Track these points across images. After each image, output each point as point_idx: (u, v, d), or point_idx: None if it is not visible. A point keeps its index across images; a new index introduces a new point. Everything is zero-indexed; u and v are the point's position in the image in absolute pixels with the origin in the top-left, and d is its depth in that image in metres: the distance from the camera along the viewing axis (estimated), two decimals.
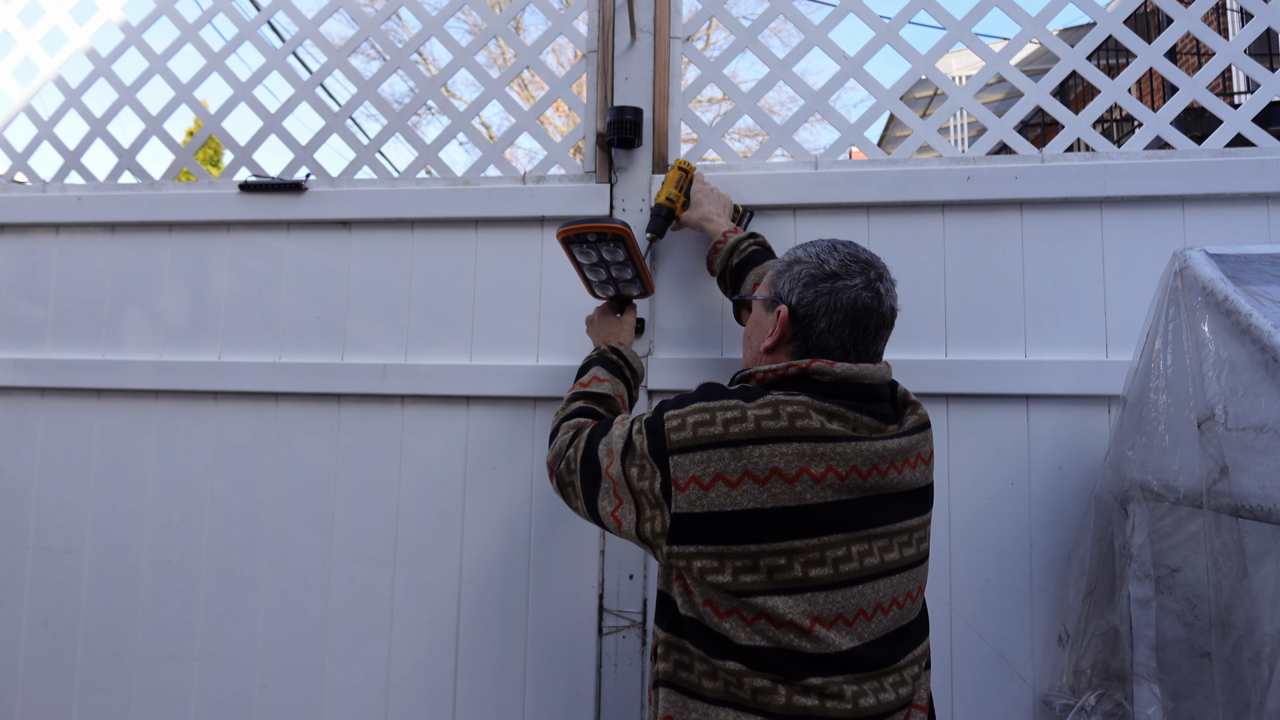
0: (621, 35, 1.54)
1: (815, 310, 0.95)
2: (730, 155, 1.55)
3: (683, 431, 0.88)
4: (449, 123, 1.62)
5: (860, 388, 0.93)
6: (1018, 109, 1.51)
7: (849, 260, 0.97)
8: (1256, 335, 0.92)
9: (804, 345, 0.96)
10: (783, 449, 0.85)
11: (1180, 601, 1.13)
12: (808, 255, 0.99)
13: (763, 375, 0.96)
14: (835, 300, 0.94)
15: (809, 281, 0.96)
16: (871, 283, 0.96)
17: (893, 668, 0.88)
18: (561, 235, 1.19)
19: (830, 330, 0.94)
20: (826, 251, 0.98)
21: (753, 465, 0.85)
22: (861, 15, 1.53)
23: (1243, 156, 1.39)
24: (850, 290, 0.94)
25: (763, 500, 0.84)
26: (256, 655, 1.51)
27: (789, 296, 0.97)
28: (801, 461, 0.85)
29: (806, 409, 0.88)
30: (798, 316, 0.96)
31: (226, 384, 1.56)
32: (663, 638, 0.92)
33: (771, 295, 1.01)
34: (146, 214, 1.64)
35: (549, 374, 1.48)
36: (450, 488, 1.49)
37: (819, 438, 0.87)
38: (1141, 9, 6.17)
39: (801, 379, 0.93)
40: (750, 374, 0.98)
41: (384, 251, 1.58)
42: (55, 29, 1.78)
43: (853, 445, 0.88)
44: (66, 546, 1.59)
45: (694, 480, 0.86)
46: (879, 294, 0.96)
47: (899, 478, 0.91)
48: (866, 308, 0.95)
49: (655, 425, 0.90)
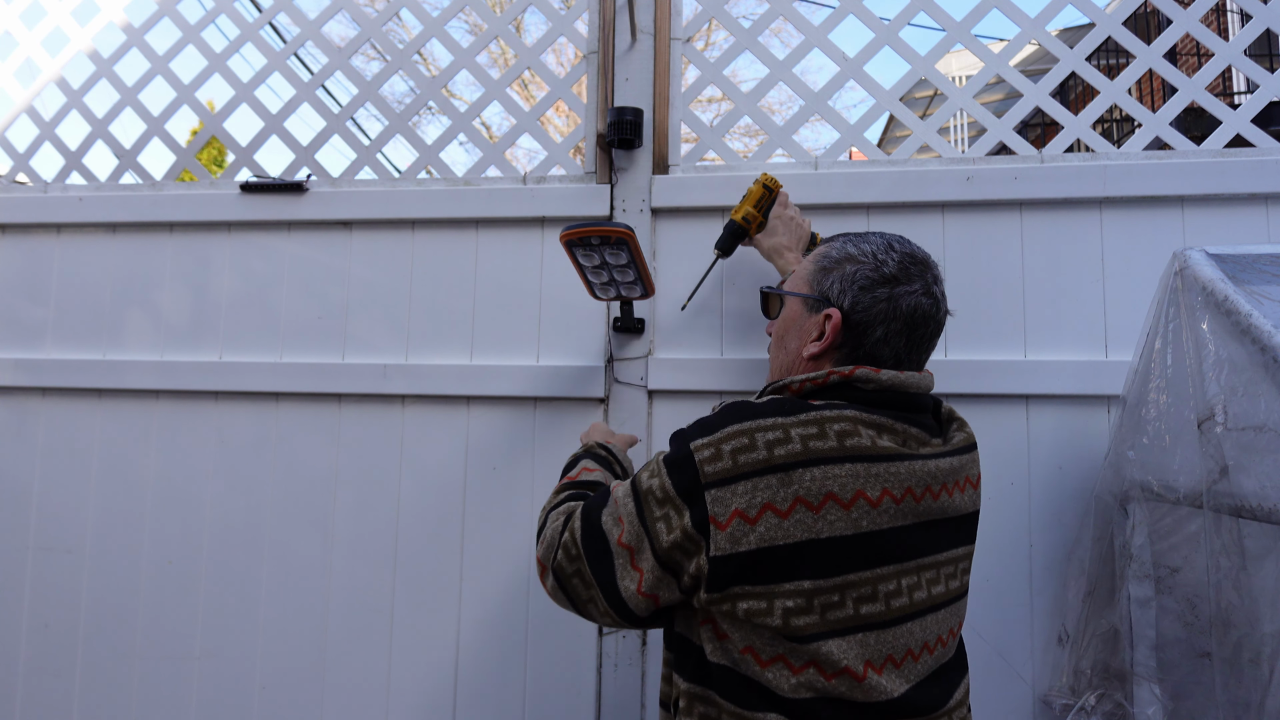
0: (622, 36, 1.54)
1: (872, 318, 0.86)
2: (730, 156, 1.55)
3: (719, 461, 0.77)
4: (450, 123, 1.62)
5: (906, 397, 0.86)
6: (1017, 109, 1.51)
7: (907, 262, 0.88)
8: (1256, 335, 0.92)
9: (853, 353, 0.87)
10: (835, 471, 0.76)
11: (1180, 601, 1.13)
12: (862, 254, 0.89)
13: (799, 385, 0.87)
14: (894, 308, 0.86)
15: (866, 285, 0.87)
16: (930, 287, 0.88)
17: (943, 711, 0.80)
18: (565, 238, 1.19)
19: (886, 339, 0.86)
20: (883, 250, 0.89)
21: (805, 491, 0.75)
22: (861, 16, 1.53)
23: (1242, 157, 1.39)
24: (910, 297, 0.86)
25: (818, 530, 0.75)
26: (256, 655, 1.51)
27: (840, 299, 0.88)
28: (857, 484, 0.77)
29: (855, 425, 0.80)
30: (851, 323, 0.87)
31: (227, 384, 1.56)
32: (684, 689, 0.82)
33: (817, 294, 0.90)
34: (148, 214, 1.64)
35: (549, 374, 1.48)
36: (451, 488, 1.50)
37: (872, 457, 0.78)
38: (1141, 10, 6.17)
39: (843, 387, 0.85)
40: (785, 385, 0.89)
41: (385, 252, 1.58)
42: (57, 30, 1.78)
43: (906, 465, 0.80)
44: (67, 546, 1.59)
45: (738, 514, 0.75)
46: (936, 299, 0.89)
47: (949, 501, 0.84)
48: (925, 316, 0.87)
49: (681, 459, 0.80)
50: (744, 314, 1.47)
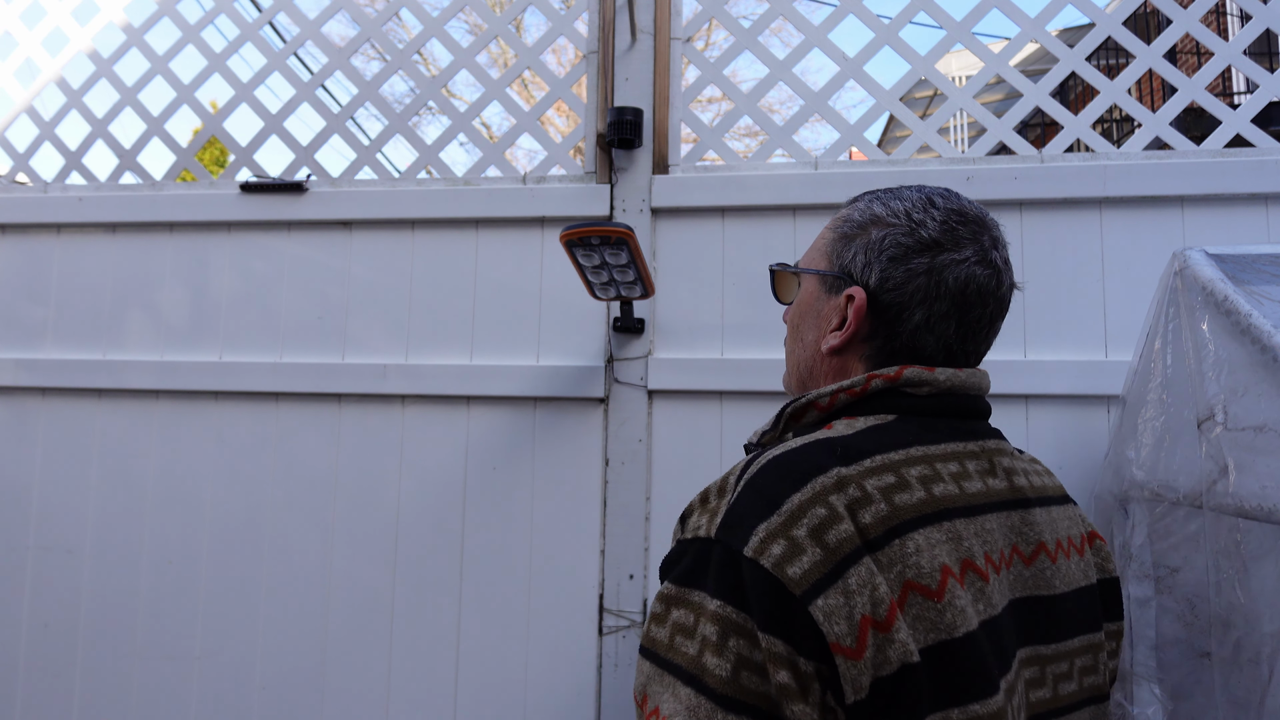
0: (622, 36, 1.54)
1: (908, 296, 0.66)
2: (730, 155, 1.55)
3: (802, 556, 0.53)
4: (450, 123, 1.62)
5: (969, 403, 0.67)
6: (1017, 109, 1.51)
7: (954, 221, 0.67)
8: (1256, 335, 0.92)
9: (888, 345, 0.67)
10: (936, 535, 0.56)
11: (1180, 601, 1.13)
12: (892, 213, 0.68)
13: (828, 402, 0.66)
14: (937, 282, 0.65)
15: (898, 254, 0.66)
16: (986, 252, 0.67)
17: None
18: (565, 238, 1.19)
19: (929, 325, 0.66)
20: (920, 207, 0.68)
21: (915, 571, 0.54)
22: (861, 16, 1.53)
23: (1242, 157, 1.39)
24: (959, 267, 0.65)
25: (949, 625, 0.53)
26: (256, 655, 1.51)
27: (865, 274, 0.67)
28: (960, 552, 0.57)
29: (929, 463, 0.61)
30: (880, 305, 0.66)
31: (227, 384, 1.56)
32: None
33: (835, 269, 0.70)
34: (147, 214, 1.64)
35: (549, 374, 1.48)
36: (451, 488, 1.50)
37: (966, 508, 0.60)
38: (1141, 10, 6.17)
39: (889, 395, 0.65)
40: (809, 403, 0.68)
41: (385, 252, 1.58)
42: (57, 30, 1.78)
43: (998, 517, 0.62)
44: (67, 546, 1.59)
45: (869, 625, 0.52)
46: (996, 269, 0.67)
47: (1065, 561, 0.65)
48: (981, 290, 0.66)
49: (748, 572, 0.53)
50: (744, 314, 1.47)
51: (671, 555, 0.60)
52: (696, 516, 0.60)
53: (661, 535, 1.43)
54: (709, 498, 0.60)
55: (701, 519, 0.59)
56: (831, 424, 0.65)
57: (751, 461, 0.61)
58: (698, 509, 0.60)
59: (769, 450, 0.62)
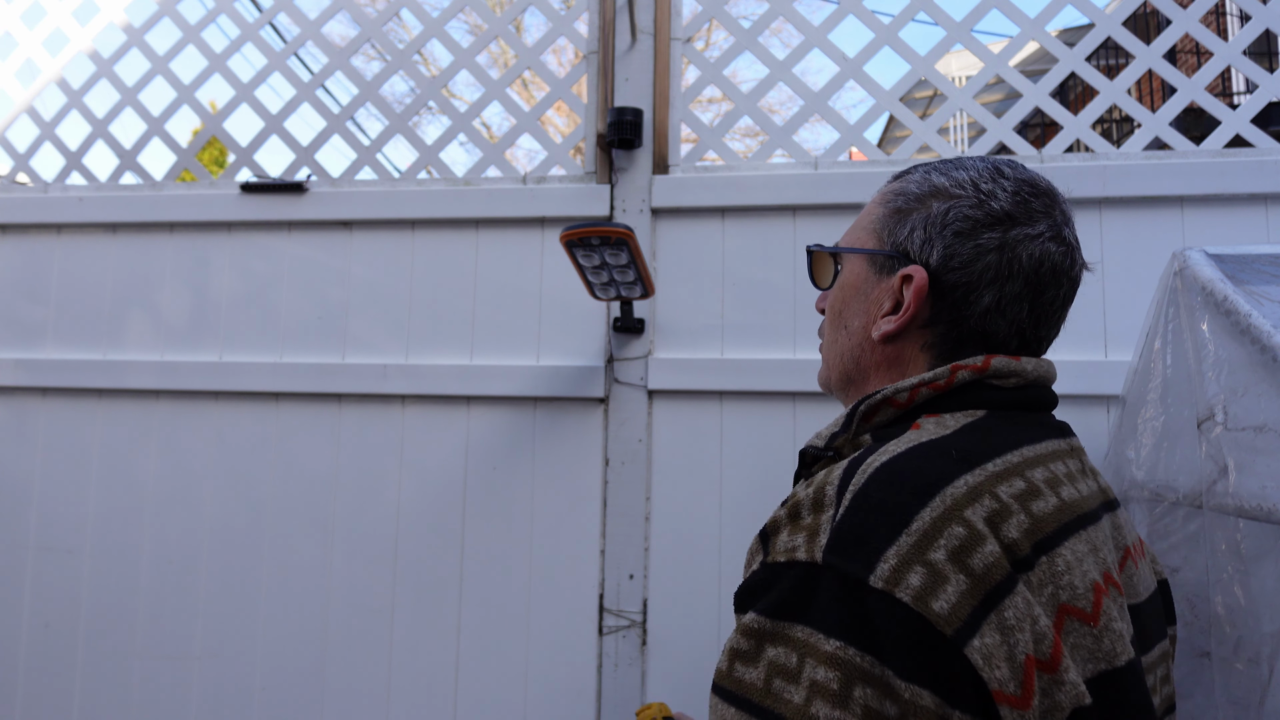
0: (622, 36, 1.54)
1: (976, 275, 0.59)
2: (730, 156, 1.55)
3: (946, 586, 0.44)
4: (450, 123, 1.63)
5: (1048, 395, 0.63)
6: (1017, 110, 1.51)
7: (1026, 193, 0.61)
8: (1256, 335, 0.92)
9: (954, 331, 0.60)
10: (1080, 547, 0.50)
11: (1180, 601, 1.13)
12: (956, 184, 0.61)
13: (907, 398, 0.59)
14: (1010, 259, 0.59)
15: (964, 229, 0.59)
16: (1059, 228, 0.61)
17: None
18: (565, 238, 1.19)
19: (1000, 307, 0.59)
20: (988, 176, 0.61)
21: (1069, 593, 0.47)
22: (861, 16, 1.54)
23: (1241, 157, 1.39)
24: (1034, 242, 0.59)
25: (1109, 652, 0.47)
26: (256, 655, 1.51)
27: (924, 252, 0.60)
28: (1100, 564, 0.51)
29: (1043, 464, 0.54)
30: (944, 286, 0.60)
31: (227, 384, 1.56)
32: None
33: (887, 247, 0.63)
34: (148, 214, 1.64)
35: (549, 374, 1.48)
36: (451, 488, 1.50)
37: (1089, 514, 0.54)
38: (1140, 10, 6.17)
39: (975, 389, 0.59)
40: (886, 399, 0.59)
41: (385, 252, 1.58)
42: (57, 30, 1.78)
43: (1106, 520, 0.57)
44: (68, 546, 1.59)
45: (1034, 666, 0.44)
46: (1070, 245, 0.62)
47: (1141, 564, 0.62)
48: (1055, 269, 0.60)
49: (880, 606, 0.44)
50: (744, 314, 1.47)
51: (755, 581, 0.50)
52: (787, 535, 0.50)
53: (661, 535, 1.43)
54: (800, 513, 0.51)
55: (795, 538, 0.49)
56: (918, 423, 0.57)
57: (851, 470, 0.51)
58: (786, 526, 0.51)
59: (869, 456, 0.52)
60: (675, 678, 1.40)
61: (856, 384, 0.68)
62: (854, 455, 0.55)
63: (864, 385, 0.67)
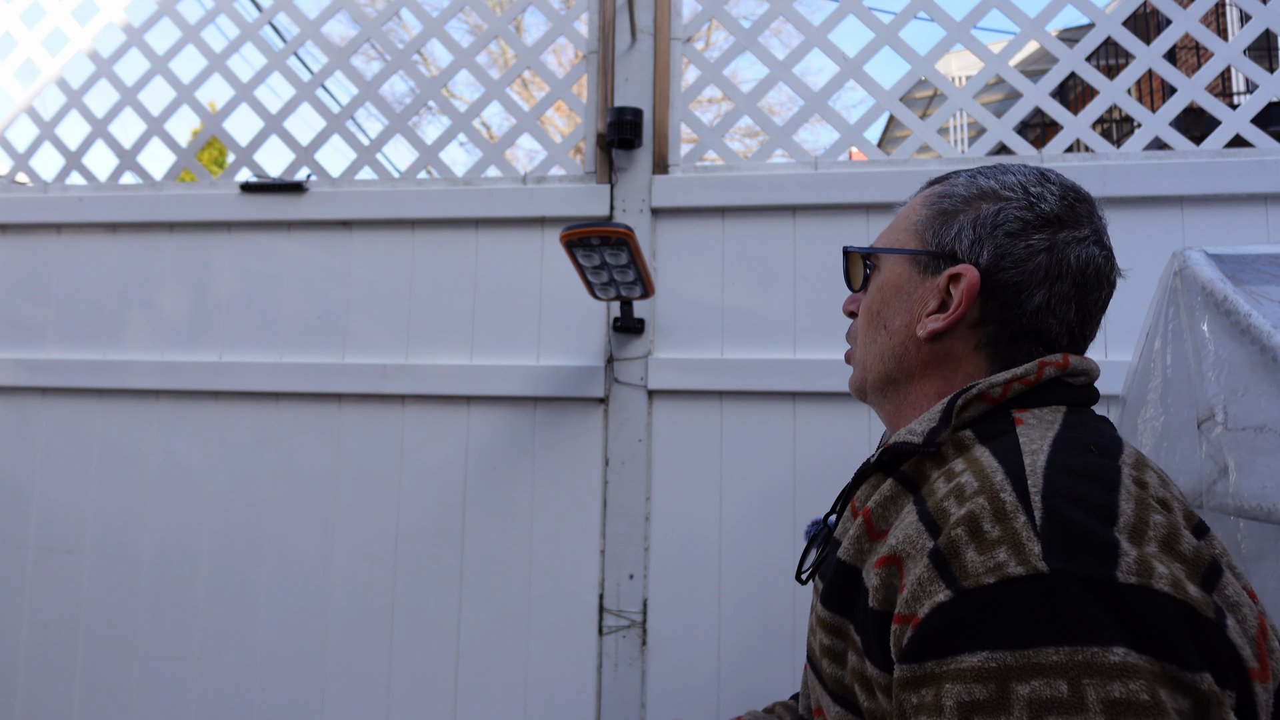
0: (622, 36, 1.54)
1: (1027, 275, 0.61)
2: (730, 156, 1.55)
3: (1180, 573, 0.44)
4: (450, 123, 1.63)
5: (1095, 395, 0.64)
6: (1017, 110, 1.51)
7: (1072, 198, 0.64)
8: (1256, 335, 0.92)
9: (1006, 329, 0.62)
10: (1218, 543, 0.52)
11: None
12: (1006, 187, 0.64)
13: (1000, 393, 0.59)
14: (1059, 260, 0.61)
15: (1016, 229, 0.61)
16: (1100, 233, 0.65)
17: None
18: (565, 238, 1.19)
19: (1050, 307, 0.61)
20: (1035, 181, 0.64)
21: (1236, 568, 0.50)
22: (861, 16, 1.54)
23: (1241, 157, 1.39)
24: (1081, 245, 0.62)
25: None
26: (256, 655, 1.51)
27: (974, 252, 0.62)
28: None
29: (1141, 454, 0.56)
30: (994, 285, 0.61)
31: (227, 384, 1.56)
32: None
33: (932, 248, 0.65)
34: (148, 214, 1.64)
35: (549, 374, 1.48)
36: (451, 488, 1.50)
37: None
38: (1140, 10, 6.17)
39: (1055, 386, 0.61)
40: (978, 394, 0.59)
41: (385, 252, 1.58)
42: (57, 30, 1.78)
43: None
44: (67, 546, 1.59)
45: (1261, 639, 0.46)
46: (1110, 250, 0.66)
47: None
48: (1098, 272, 0.64)
49: (1145, 602, 0.42)
50: (745, 313, 1.47)
51: (957, 615, 0.44)
52: (978, 553, 0.45)
53: (661, 535, 1.43)
54: (981, 525, 0.46)
55: (995, 554, 0.45)
56: (1019, 418, 0.57)
57: (1014, 471, 0.49)
58: (969, 543, 0.46)
59: (1014, 455, 0.51)
60: (675, 678, 1.40)
61: (898, 383, 0.68)
62: (989, 455, 0.53)
63: (907, 385, 0.67)
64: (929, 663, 0.45)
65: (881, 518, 0.59)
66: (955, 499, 0.51)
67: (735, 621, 1.39)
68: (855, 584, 0.58)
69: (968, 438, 0.58)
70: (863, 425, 1.40)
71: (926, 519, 0.52)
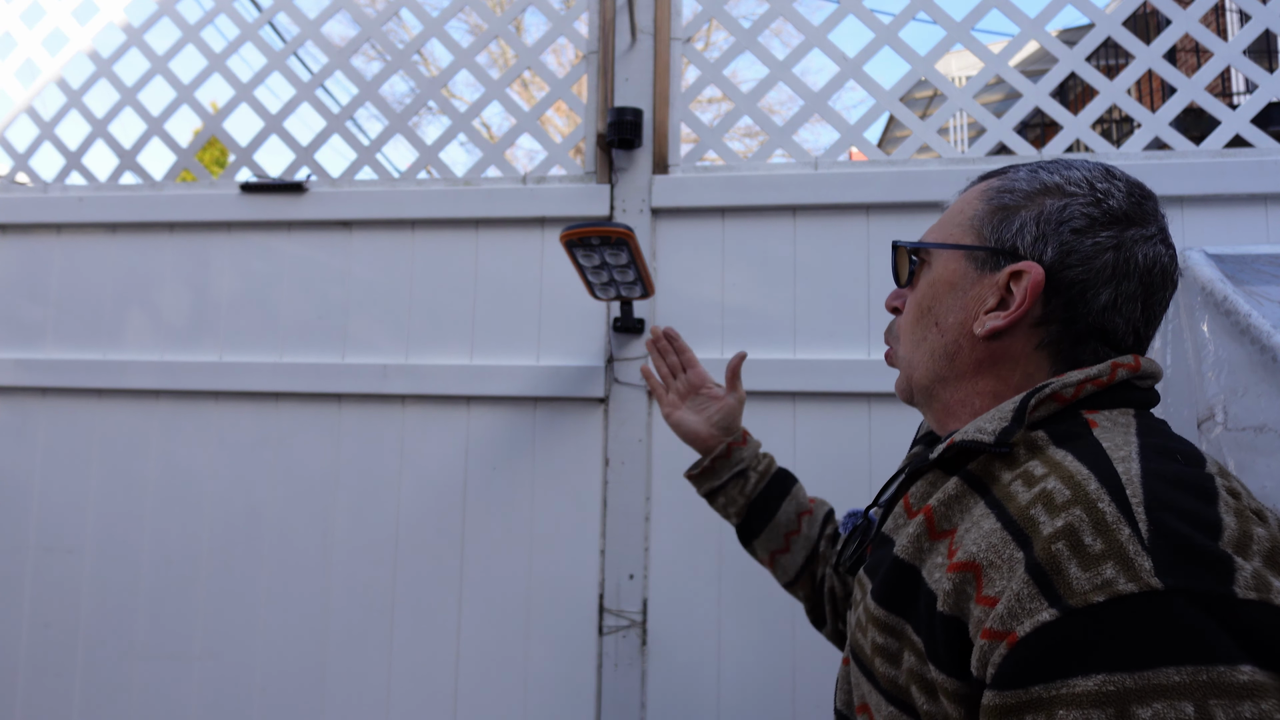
0: (622, 36, 1.54)
1: (1094, 273, 0.59)
2: (730, 156, 1.55)
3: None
4: (450, 123, 1.63)
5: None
6: (1017, 110, 1.51)
7: (1139, 194, 0.63)
8: (1256, 335, 0.92)
9: (1070, 329, 0.61)
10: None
11: None
12: (1069, 181, 0.62)
13: (1073, 394, 0.58)
14: (1127, 258, 0.60)
15: (1083, 226, 0.60)
16: (1165, 232, 0.63)
17: None
18: (565, 238, 1.19)
19: (1117, 306, 0.60)
20: (1101, 176, 0.63)
21: None
22: (861, 16, 1.54)
23: (1241, 157, 1.39)
24: (1148, 244, 0.61)
25: None
26: (256, 655, 1.51)
27: (1038, 248, 0.60)
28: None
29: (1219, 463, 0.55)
30: (1059, 283, 0.60)
31: (227, 384, 1.56)
32: None
33: (991, 243, 0.63)
34: (148, 214, 1.64)
35: (549, 374, 1.48)
36: (451, 488, 1.50)
37: None
38: (1140, 10, 6.18)
39: (1125, 388, 0.59)
40: (1051, 394, 0.58)
41: (385, 252, 1.58)
42: (57, 30, 1.78)
43: None
44: (68, 546, 1.59)
45: None
46: (1174, 250, 0.63)
47: None
48: (1164, 271, 0.62)
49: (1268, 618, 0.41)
50: (745, 313, 1.47)
51: (1069, 636, 0.42)
52: (1082, 569, 0.43)
53: (661, 535, 1.43)
54: (1082, 538, 0.44)
55: (1101, 569, 0.43)
56: (1093, 420, 0.56)
57: (1114, 481, 0.47)
58: (1071, 557, 0.44)
59: (1102, 462, 0.49)
60: (675, 678, 1.40)
61: (947, 382, 0.66)
62: (1073, 460, 0.51)
63: (957, 383, 0.66)
64: (1035, 687, 0.43)
65: (944, 517, 0.57)
66: (1045, 508, 0.48)
67: (735, 621, 1.39)
68: (914, 584, 0.56)
69: (1040, 438, 0.56)
70: (862, 425, 1.40)
71: (1011, 527, 0.49)
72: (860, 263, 1.45)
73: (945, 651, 0.51)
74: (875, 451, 1.39)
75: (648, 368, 1.17)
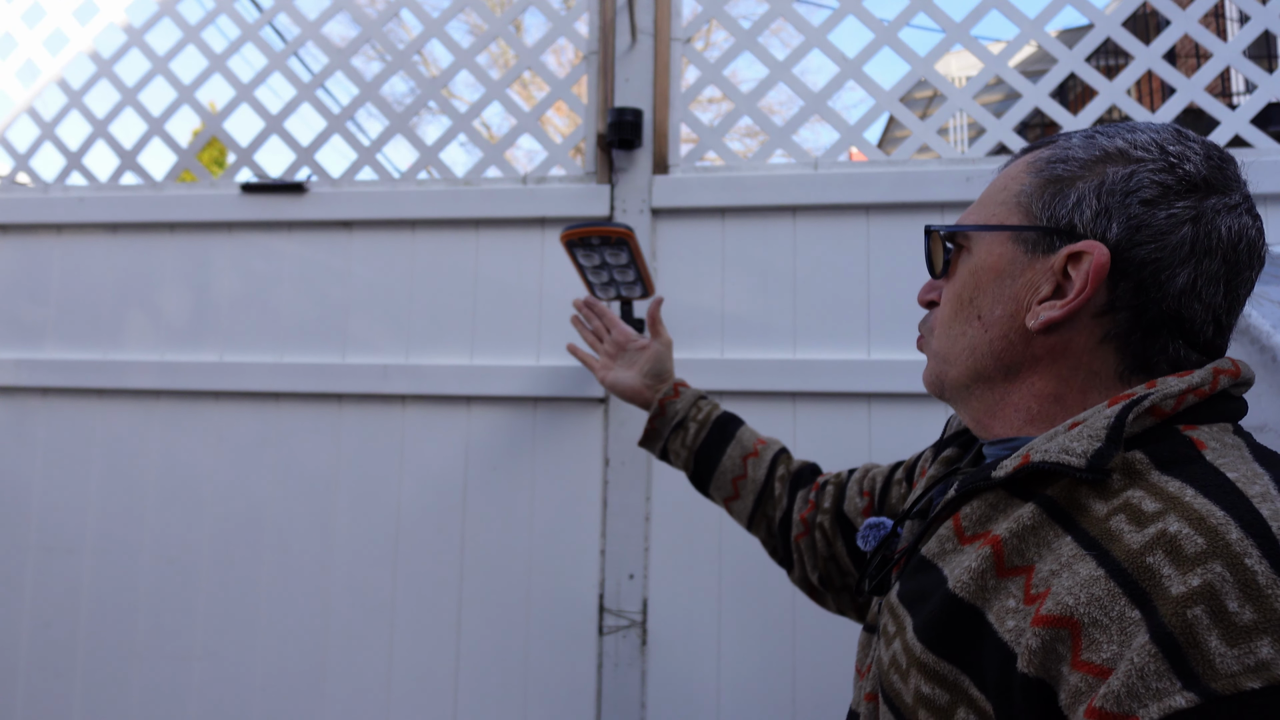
0: (622, 37, 1.54)
1: (1169, 251, 0.50)
2: (730, 156, 1.55)
3: None
4: (450, 123, 1.63)
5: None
6: (1017, 110, 1.51)
7: (1218, 157, 0.53)
8: (1255, 335, 0.92)
9: (1142, 318, 0.52)
10: None
11: None
12: (1135, 145, 0.52)
13: (1173, 406, 0.49)
14: (1208, 232, 0.50)
15: (1154, 196, 0.51)
16: (1250, 200, 0.54)
17: None
18: (565, 238, 1.19)
19: (1196, 289, 0.51)
20: (1174, 139, 0.53)
21: None
22: (861, 17, 1.54)
23: (1241, 157, 1.39)
24: (1233, 214, 0.51)
25: None
26: (256, 655, 1.51)
27: (1098, 225, 0.52)
28: None
29: None
30: (1130, 264, 0.51)
31: (227, 384, 1.56)
32: None
33: (1044, 222, 0.54)
34: (148, 215, 1.64)
35: (549, 374, 1.48)
36: (451, 488, 1.50)
37: None
38: (1140, 11, 6.18)
39: (1223, 399, 0.52)
40: (1151, 407, 0.48)
41: (385, 252, 1.58)
42: (58, 30, 1.78)
43: None
44: (68, 546, 1.59)
45: None
46: (1261, 222, 0.54)
47: None
48: (1251, 247, 0.52)
49: None
50: (745, 313, 1.47)
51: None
52: (1225, 644, 0.36)
53: (661, 535, 1.43)
54: (1226, 604, 0.36)
55: (1258, 647, 0.36)
56: (1200, 440, 0.47)
57: (1260, 528, 0.39)
58: (1212, 628, 0.36)
59: (1255, 499, 0.41)
60: (675, 678, 1.40)
61: (992, 381, 0.58)
62: (1194, 494, 0.42)
63: (1006, 383, 0.57)
64: None
65: (1017, 551, 0.48)
66: (1170, 558, 0.39)
67: (735, 621, 1.40)
68: (977, 629, 0.47)
69: (1140, 461, 0.47)
70: (863, 425, 1.40)
71: (1120, 576, 0.40)
72: (860, 263, 1.45)
73: (1024, 717, 0.43)
74: (875, 452, 1.39)
75: (573, 344, 1.24)
